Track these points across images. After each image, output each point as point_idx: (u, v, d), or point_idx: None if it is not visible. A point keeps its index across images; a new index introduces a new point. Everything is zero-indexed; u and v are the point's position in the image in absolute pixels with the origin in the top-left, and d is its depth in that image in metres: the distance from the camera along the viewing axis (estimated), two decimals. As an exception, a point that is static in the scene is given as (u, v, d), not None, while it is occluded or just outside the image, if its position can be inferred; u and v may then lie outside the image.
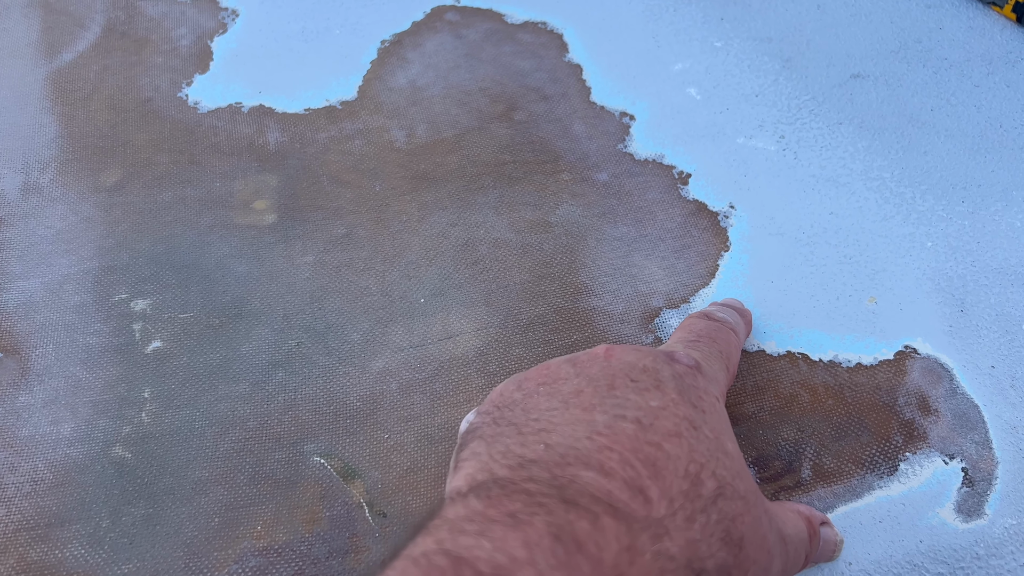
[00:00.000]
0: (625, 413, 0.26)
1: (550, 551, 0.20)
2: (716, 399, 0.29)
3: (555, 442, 0.24)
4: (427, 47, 0.51)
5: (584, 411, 0.26)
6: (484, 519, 0.21)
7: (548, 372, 0.29)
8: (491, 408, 0.28)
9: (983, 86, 0.49)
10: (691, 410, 0.26)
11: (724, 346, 0.33)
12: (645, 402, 0.26)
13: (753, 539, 0.25)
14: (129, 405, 0.37)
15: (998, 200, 0.43)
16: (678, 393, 0.27)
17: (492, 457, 0.25)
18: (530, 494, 0.22)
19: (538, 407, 0.27)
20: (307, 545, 0.33)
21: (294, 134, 0.47)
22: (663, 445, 0.25)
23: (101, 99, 0.49)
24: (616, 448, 0.24)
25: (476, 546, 0.20)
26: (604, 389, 0.27)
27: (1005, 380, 0.37)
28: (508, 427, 0.26)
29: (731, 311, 0.36)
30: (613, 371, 0.28)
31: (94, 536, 0.33)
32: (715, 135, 0.47)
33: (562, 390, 0.27)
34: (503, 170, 0.45)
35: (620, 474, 0.23)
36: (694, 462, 0.25)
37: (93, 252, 0.42)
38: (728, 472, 0.25)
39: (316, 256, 0.41)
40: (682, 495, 0.23)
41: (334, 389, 0.37)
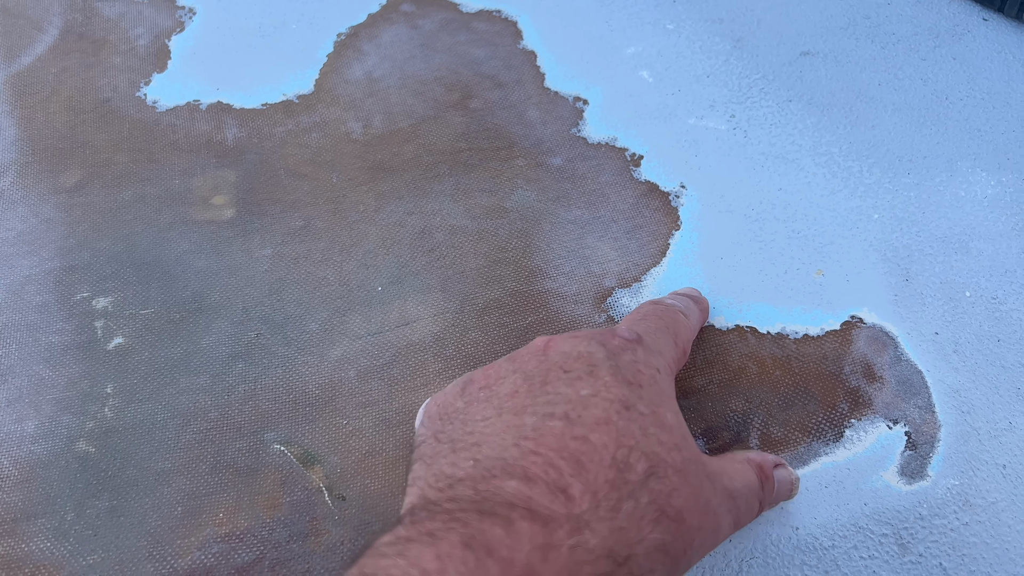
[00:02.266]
0: (554, 410, 0.26)
1: (460, 560, 0.21)
2: (657, 371, 0.29)
3: (484, 455, 0.26)
4: (383, 38, 0.52)
5: (515, 415, 0.27)
6: (403, 541, 0.22)
7: (490, 373, 0.30)
8: (435, 420, 0.29)
9: (930, 59, 0.50)
10: (624, 389, 0.27)
11: (671, 323, 0.34)
12: (576, 392, 0.27)
13: (693, 508, 0.26)
14: (92, 401, 0.37)
15: (943, 171, 0.44)
16: (611, 374, 0.28)
17: (428, 482, 0.26)
18: (449, 512, 0.23)
19: (475, 417, 0.28)
20: (268, 530, 0.34)
21: (252, 129, 0.47)
22: (589, 437, 0.26)
23: (60, 101, 0.49)
24: (541, 451, 0.25)
25: (392, 565, 0.21)
26: (538, 386, 0.28)
27: (948, 346, 0.38)
28: (445, 445, 0.27)
29: (684, 298, 0.37)
30: (548, 365, 0.29)
31: (59, 529, 0.34)
32: (667, 116, 0.47)
33: (500, 392, 0.28)
34: (459, 158, 0.46)
35: (542, 478, 0.24)
36: (622, 447, 0.25)
37: (54, 252, 0.42)
38: (663, 447, 0.26)
39: (274, 249, 0.42)
40: (607, 484, 0.24)
41: (293, 378, 0.38)
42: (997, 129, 0.46)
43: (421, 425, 0.30)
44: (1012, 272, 0.40)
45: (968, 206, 0.43)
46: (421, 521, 0.23)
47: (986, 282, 0.40)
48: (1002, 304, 0.39)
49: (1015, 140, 0.45)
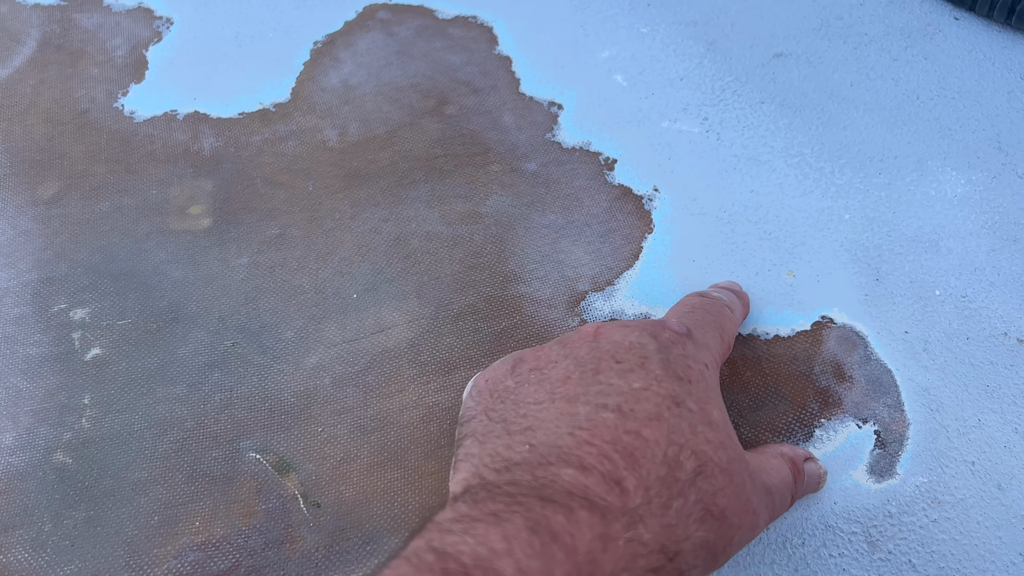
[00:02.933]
0: (607, 402, 0.27)
1: (527, 542, 0.22)
2: (705, 366, 0.30)
3: (539, 441, 0.26)
4: (359, 46, 0.52)
5: (568, 403, 0.27)
6: (468, 519, 0.23)
7: (541, 355, 0.30)
8: (485, 396, 0.30)
9: (901, 59, 0.50)
10: (675, 384, 0.28)
11: (717, 317, 0.34)
12: (628, 385, 0.27)
13: (736, 507, 0.27)
14: (69, 412, 0.38)
15: (913, 170, 0.45)
16: (662, 368, 0.28)
17: (483, 461, 0.27)
18: (511, 495, 0.24)
19: (526, 399, 0.28)
20: (244, 538, 0.34)
21: (228, 138, 0.48)
22: (642, 432, 0.26)
23: (38, 113, 0.49)
24: (595, 442, 0.26)
25: (460, 542, 0.22)
26: (590, 374, 0.28)
27: (918, 344, 0.39)
28: (498, 424, 0.28)
29: (727, 292, 0.37)
30: (600, 352, 0.29)
31: (37, 540, 0.34)
32: (640, 120, 0.48)
33: (551, 376, 0.29)
34: (434, 164, 0.46)
35: (598, 468, 0.25)
36: (673, 444, 0.26)
37: (32, 264, 0.42)
38: (710, 445, 0.27)
39: (250, 257, 0.42)
40: (659, 482, 0.25)
41: (269, 386, 0.38)
42: (967, 128, 0.46)
43: (469, 398, 0.31)
44: (981, 270, 0.41)
45: (938, 205, 0.43)
46: (483, 501, 0.24)
47: (956, 280, 0.41)
48: (971, 302, 0.40)
49: (985, 139, 0.46)
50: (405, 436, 0.36)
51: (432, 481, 0.35)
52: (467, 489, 0.25)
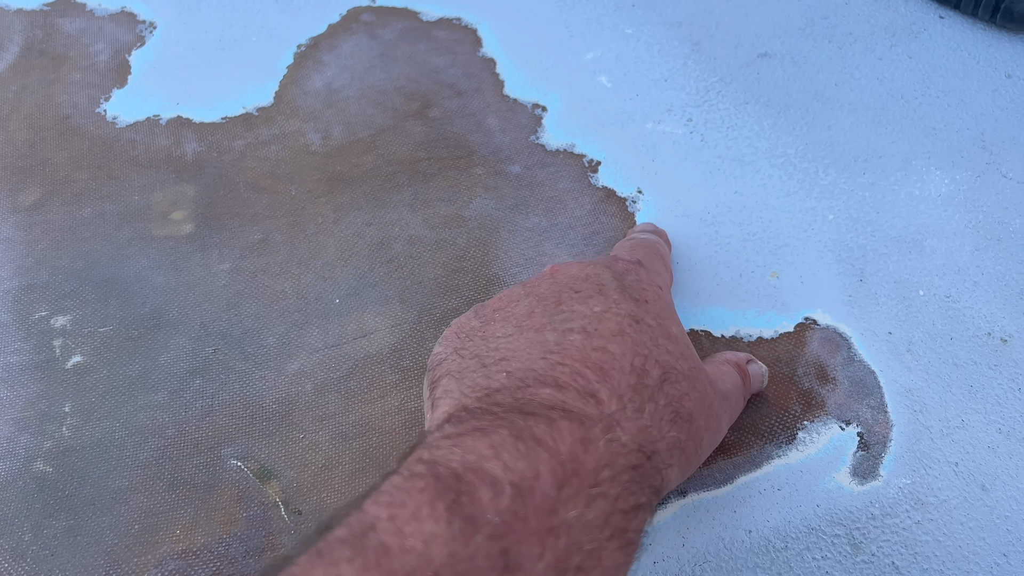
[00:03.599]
0: (572, 326, 0.29)
1: (512, 447, 0.23)
2: (659, 287, 0.32)
3: (515, 368, 0.28)
4: (343, 49, 0.52)
5: (536, 332, 0.29)
6: (455, 436, 0.24)
7: (502, 297, 0.32)
8: (453, 338, 0.31)
9: (886, 59, 0.50)
10: (633, 305, 0.30)
11: (657, 249, 0.38)
12: (589, 309, 0.29)
13: (701, 410, 0.29)
14: (50, 420, 0.37)
15: (898, 170, 0.45)
16: (619, 292, 0.30)
17: (463, 393, 0.28)
18: (494, 414, 0.25)
19: (495, 335, 0.30)
20: (224, 546, 0.34)
21: (211, 143, 0.47)
22: (607, 347, 0.28)
23: (20, 119, 0.49)
24: (567, 362, 0.27)
25: (449, 453, 0.23)
26: (552, 305, 0.30)
27: (902, 345, 0.39)
28: (472, 360, 0.29)
29: (649, 232, 0.40)
30: (559, 286, 0.31)
31: (16, 550, 0.34)
32: (624, 122, 0.48)
33: (516, 312, 0.30)
34: (418, 167, 0.46)
35: (572, 385, 0.27)
36: (638, 355, 0.28)
37: (13, 272, 0.42)
38: (671, 356, 0.29)
39: (233, 263, 0.42)
40: (630, 389, 0.27)
41: (250, 393, 0.38)
42: (952, 127, 0.46)
43: (437, 344, 0.32)
44: (965, 270, 0.41)
45: (922, 205, 0.43)
46: (467, 421, 0.25)
47: (939, 281, 0.41)
48: (955, 302, 0.40)
49: (969, 138, 0.46)
50: (387, 442, 0.36)
51: (414, 487, 0.35)
52: (448, 418, 0.26)
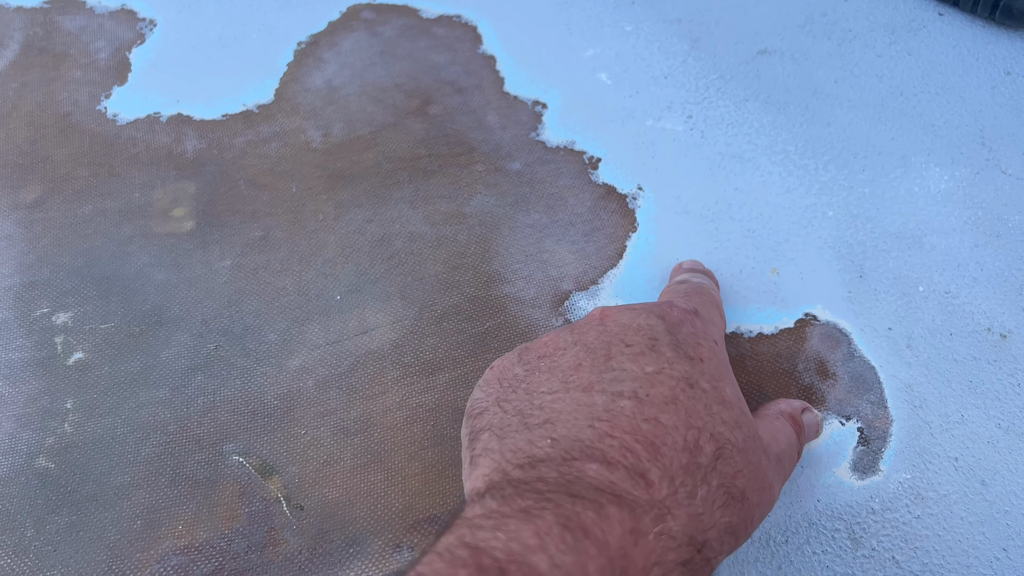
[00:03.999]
0: (622, 388, 0.27)
1: (559, 538, 0.22)
2: (715, 343, 0.30)
3: (560, 435, 0.26)
4: (343, 46, 0.52)
5: (584, 392, 0.27)
6: (499, 516, 0.23)
7: (548, 342, 0.30)
8: (495, 385, 0.30)
9: (885, 55, 0.50)
10: (687, 365, 0.28)
11: (711, 297, 0.35)
12: (640, 369, 0.27)
13: (754, 486, 0.27)
14: (52, 417, 0.37)
15: (897, 166, 0.45)
16: (673, 349, 0.28)
17: (504, 456, 0.26)
18: (539, 492, 0.24)
19: (539, 389, 0.28)
20: (226, 541, 0.34)
21: (212, 140, 0.47)
22: (660, 418, 0.26)
23: (20, 116, 0.49)
24: (616, 434, 0.26)
25: (492, 538, 0.22)
26: (601, 360, 0.28)
27: (901, 341, 0.39)
28: (514, 416, 0.28)
29: (702, 275, 0.38)
30: (609, 337, 0.29)
31: (19, 546, 0.34)
32: (625, 119, 0.48)
33: (562, 364, 0.29)
34: (418, 164, 0.46)
35: (622, 462, 0.25)
36: (692, 428, 0.26)
37: (14, 269, 0.42)
38: (726, 426, 0.27)
39: (234, 260, 0.42)
40: (682, 470, 0.25)
41: (252, 389, 0.38)
42: (951, 124, 0.46)
43: (478, 389, 0.30)
44: (964, 266, 0.41)
45: (922, 201, 0.43)
46: (511, 498, 0.23)
47: (939, 277, 0.41)
48: (955, 298, 0.40)
49: (968, 134, 0.46)
50: (388, 438, 0.36)
51: (415, 483, 0.35)
52: (492, 486, 0.25)
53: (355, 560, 0.33)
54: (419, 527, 0.34)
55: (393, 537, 0.34)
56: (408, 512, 0.34)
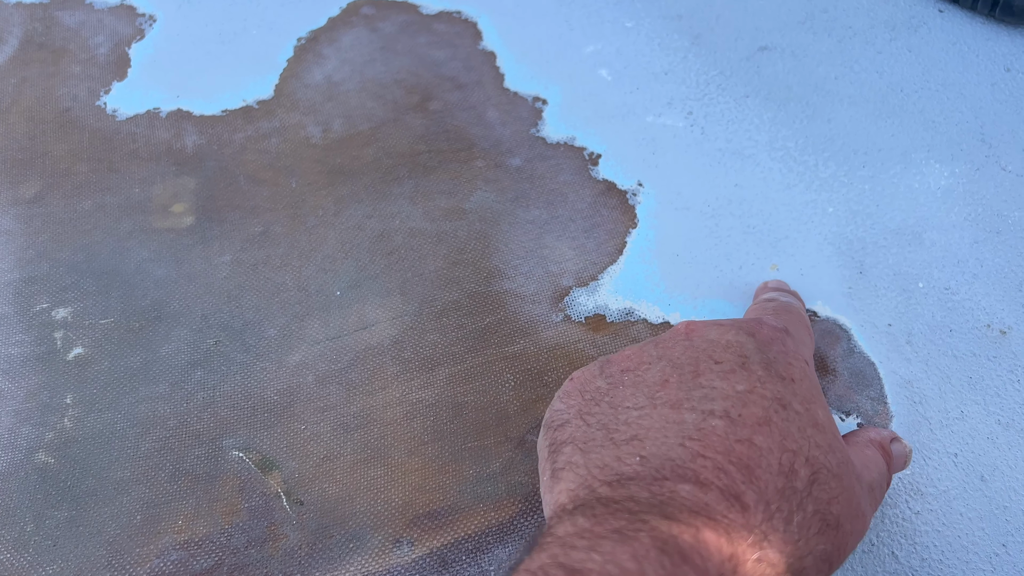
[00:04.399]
0: (713, 407, 0.26)
1: (657, 562, 0.21)
2: (806, 363, 0.29)
3: (650, 453, 0.25)
4: (343, 42, 0.52)
5: (673, 409, 0.26)
6: (592, 535, 0.22)
7: (631, 356, 0.29)
8: (576, 397, 0.29)
9: (885, 52, 0.50)
10: (779, 385, 0.27)
11: (800, 317, 0.34)
12: (731, 387, 0.26)
13: (848, 513, 0.26)
14: (51, 412, 0.37)
15: (897, 163, 0.45)
16: (764, 368, 0.27)
17: (591, 472, 0.26)
18: (632, 512, 0.23)
19: (624, 404, 0.27)
20: (226, 536, 0.34)
21: (211, 136, 0.47)
22: (754, 440, 0.25)
23: (19, 111, 0.49)
24: (708, 454, 0.25)
25: (588, 559, 0.21)
26: (689, 377, 0.27)
27: (901, 337, 0.39)
28: (599, 431, 0.27)
29: (788, 295, 0.37)
30: (696, 353, 0.28)
31: (19, 540, 0.34)
32: (625, 115, 0.48)
33: (647, 379, 0.28)
34: (418, 160, 0.46)
35: (715, 483, 0.24)
36: (786, 451, 0.25)
37: (13, 264, 0.42)
38: (820, 450, 0.26)
39: (233, 255, 0.42)
40: (778, 495, 0.24)
41: (252, 384, 0.38)
42: (951, 120, 0.46)
43: (557, 400, 0.30)
44: (964, 262, 0.41)
45: (922, 197, 0.43)
46: (603, 517, 0.23)
47: (939, 273, 0.41)
48: (954, 294, 0.40)
49: (968, 131, 0.46)
50: (388, 433, 0.36)
51: (415, 478, 0.35)
52: (579, 502, 0.24)
53: (355, 555, 0.33)
54: (419, 522, 0.34)
55: (393, 532, 0.34)
56: (408, 507, 0.34)
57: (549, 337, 0.39)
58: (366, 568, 0.33)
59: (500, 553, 0.33)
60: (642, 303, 0.40)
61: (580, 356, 0.38)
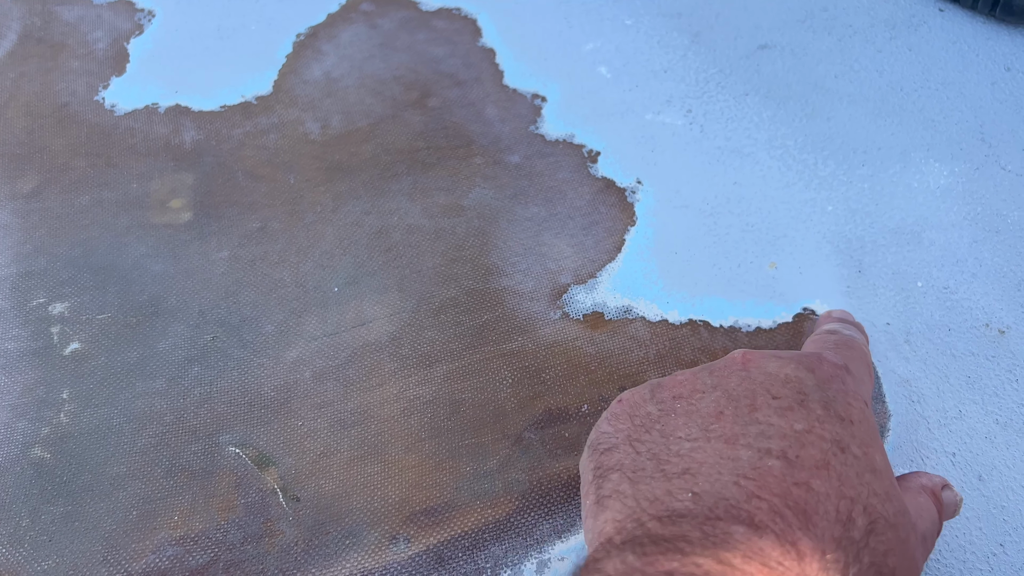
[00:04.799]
0: (770, 446, 0.25)
1: None
2: (865, 404, 0.28)
3: (702, 490, 0.24)
4: (342, 38, 0.52)
5: (727, 444, 0.25)
6: None
7: (684, 382, 0.28)
8: (625, 421, 0.28)
9: (885, 51, 0.50)
10: (838, 426, 0.26)
11: (861, 354, 0.33)
12: (790, 426, 0.25)
13: (904, 565, 0.25)
14: (48, 407, 0.37)
15: (897, 162, 0.45)
16: (823, 407, 0.26)
17: (640, 504, 0.25)
18: (684, 554, 0.22)
19: (676, 433, 0.26)
20: (222, 532, 0.34)
21: (210, 131, 0.47)
22: (811, 484, 0.24)
23: (18, 106, 0.49)
24: (764, 495, 0.24)
25: None
26: (745, 411, 0.26)
27: (899, 336, 0.39)
28: (649, 460, 0.26)
29: (852, 327, 0.36)
30: (753, 385, 0.27)
31: (14, 535, 0.34)
32: (624, 112, 0.48)
33: (700, 408, 0.27)
34: (417, 157, 0.46)
35: (771, 528, 0.23)
36: (844, 498, 0.24)
37: (11, 259, 0.42)
38: (878, 498, 0.25)
39: (231, 251, 0.42)
40: (834, 543, 0.23)
41: (249, 380, 0.38)
42: (951, 119, 0.46)
43: (605, 422, 0.29)
44: (963, 262, 0.41)
45: (921, 197, 0.43)
46: (653, 557, 0.22)
47: (938, 272, 0.41)
48: (953, 293, 0.40)
49: (968, 130, 0.46)
50: (385, 430, 0.36)
51: (412, 475, 0.35)
52: (627, 536, 0.24)
53: (351, 551, 0.33)
54: (415, 519, 0.34)
55: (389, 529, 0.34)
56: (404, 504, 0.34)
57: (547, 334, 0.39)
58: (362, 565, 0.33)
59: (496, 550, 0.33)
60: (640, 301, 0.40)
61: (578, 353, 0.38)
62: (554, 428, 0.36)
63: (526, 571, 0.32)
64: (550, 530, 0.33)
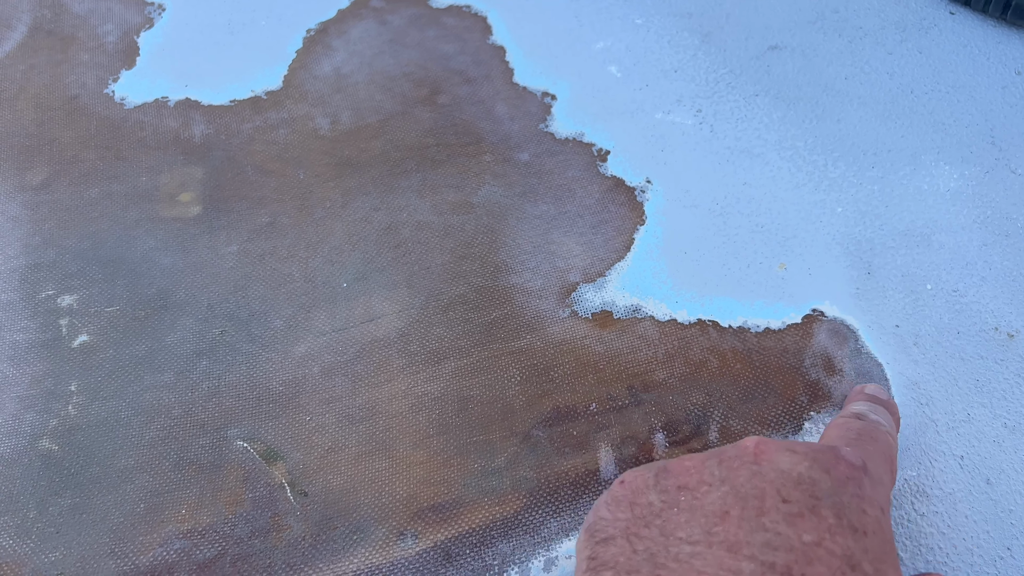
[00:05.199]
0: (775, 560, 0.24)
1: None
2: (881, 511, 0.26)
3: None
4: (352, 34, 0.52)
5: (729, 552, 0.24)
6: None
7: (691, 470, 0.27)
8: (626, 510, 0.27)
9: (896, 53, 0.50)
10: (850, 539, 0.24)
11: (885, 448, 0.31)
12: (798, 537, 0.24)
13: None
14: (56, 399, 0.37)
15: (907, 164, 0.45)
16: (836, 516, 0.25)
17: None
18: None
19: (678, 534, 0.25)
20: (230, 526, 0.34)
21: (220, 126, 0.47)
22: None
23: (27, 98, 0.49)
24: None
25: None
26: (752, 514, 0.25)
27: (909, 338, 0.39)
28: (646, 563, 0.25)
29: (882, 411, 0.34)
30: (764, 483, 0.26)
31: (22, 527, 0.34)
32: (634, 111, 0.48)
33: (705, 505, 0.26)
34: (426, 153, 0.46)
35: None
36: None
37: (20, 250, 0.42)
38: None
39: (240, 245, 0.42)
40: None
41: (257, 375, 0.38)
42: (961, 122, 0.46)
43: (604, 506, 0.28)
44: (973, 265, 0.41)
45: (931, 199, 0.43)
46: None
47: (947, 275, 0.41)
48: (962, 297, 0.40)
49: (978, 133, 0.46)
50: (393, 426, 0.36)
51: (420, 471, 0.35)
52: None
53: (359, 547, 0.33)
54: (423, 515, 0.34)
55: (397, 525, 0.34)
56: (412, 500, 0.34)
57: (555, 333, 0.39)
58: (370, 560, 0.33)
59: (504, 547, 0.33)
60: (649, 300, 0.40)
61: (587, 352, 0.38)
62: (562, 426, 0.36)
63: (533, 569, 0.32)
64: (558, 528, 0.33)
